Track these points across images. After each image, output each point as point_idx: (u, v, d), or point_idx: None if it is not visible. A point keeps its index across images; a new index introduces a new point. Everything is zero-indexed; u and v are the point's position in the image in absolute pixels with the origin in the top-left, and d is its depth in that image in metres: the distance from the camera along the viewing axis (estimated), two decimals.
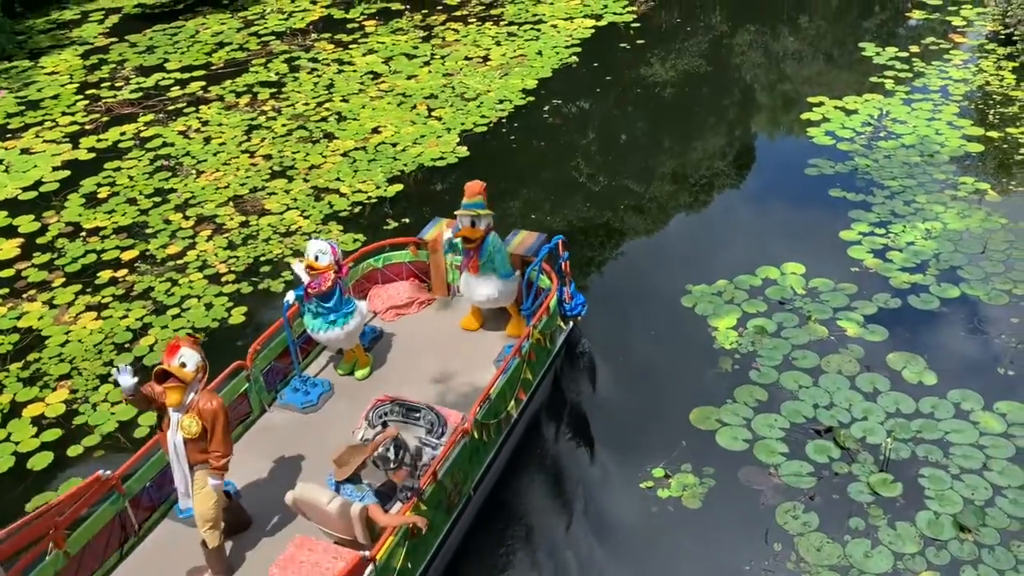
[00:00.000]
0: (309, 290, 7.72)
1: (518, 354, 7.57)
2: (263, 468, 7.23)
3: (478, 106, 14.86)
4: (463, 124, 14.28)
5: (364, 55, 17.33)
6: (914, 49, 16.12)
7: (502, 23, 18.55)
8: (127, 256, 11.47)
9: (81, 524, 6.27)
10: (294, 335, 8.09)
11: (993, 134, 13.10)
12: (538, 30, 18.00)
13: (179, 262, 11.27)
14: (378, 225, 11.81)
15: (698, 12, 18.88)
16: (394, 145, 13.82)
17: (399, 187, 12.62)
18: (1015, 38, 15.12)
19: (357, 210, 12.20)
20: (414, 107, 15.03)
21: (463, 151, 13.47)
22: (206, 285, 10.79)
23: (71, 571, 6.16)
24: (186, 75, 16.85)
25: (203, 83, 16.46)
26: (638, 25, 17.95)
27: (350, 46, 17.83)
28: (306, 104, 15.37)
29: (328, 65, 16.95)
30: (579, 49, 16.88)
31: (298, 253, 11.16)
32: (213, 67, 17.22)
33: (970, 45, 16.21)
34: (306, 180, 12.98)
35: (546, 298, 8.20)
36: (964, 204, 11.48)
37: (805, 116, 14.10)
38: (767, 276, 10.35)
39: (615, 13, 18.61)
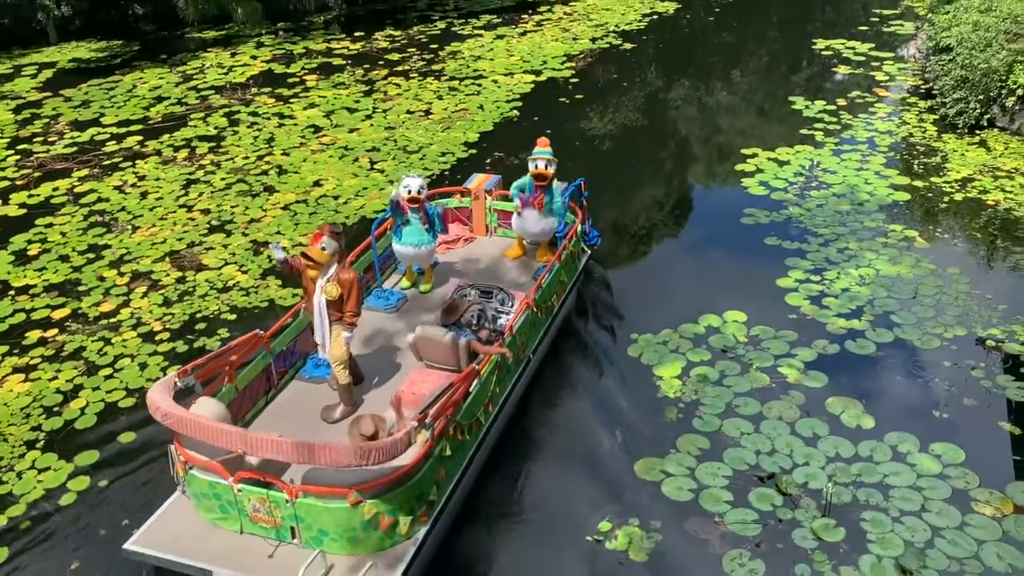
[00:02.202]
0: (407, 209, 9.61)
1: (559, 260, 9.71)
2: (368, 347, 9.15)
3: (421, 159, 14.93)
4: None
5: (305, 109, 17.34)
6: (841, 103, 16.76)
7: (443, 78, 18.79)
8: (58, 315, 11.12)
9: (244, 368, 8.14)
10: (378, 253, 10.22)
11: (918, 183, 13.61)
12: (479, 85, 18.26)
13: (112, 320, 10.96)
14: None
15: (634, 68, 19.38)
16: (336, 198, 13.76)
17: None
18: (934, 92, 15.83)
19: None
20: (356, 160, 15.04)
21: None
22: (140, 344, 10.50)
23: (237, 402, 7.96)
24: (123, 130, 16.62)
25: (140, 137, 16.25)
26: (576, 80, 18.34)
27: (291, 100, 17.83)
28: (246, 158, 15.26)
29: (269, 119, 16.90)
30: (520, 103, 17.15)
31: (235, 309, 10.98)
32: (151, 121, 17.03)
33: (894, 99, 16.92)
34: (245, 234, 12.81)
35: (575, 225, 10.28)
36: (894, 251, 11.84)
37: (739, 167, 14.48)
38: (710, 324, 10.48)
39: (554, 69, 19.00)
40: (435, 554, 7.38)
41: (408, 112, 16.99)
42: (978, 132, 14.98)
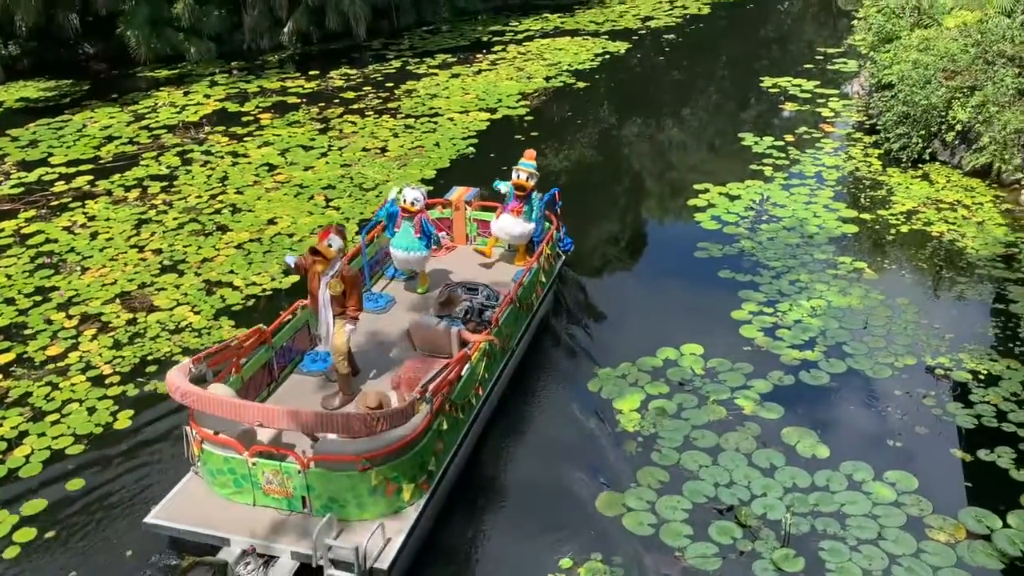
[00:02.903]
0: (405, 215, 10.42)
1: (537, 260, 10.48)
2: (362, 344, 9.63)
3: (377, 196, 14.91)
4: (362, 213, 14.26)
5: (259, 147, 17.25)
6: (789, 138, 17.17)
7: (399, 116, 18.86)
8: (3, 360, 10.80)
9: (248, 361, 8.63)
10: (367, 258, 10.89)
11: (866, 216, 13.95)
12: (435, 122, 18.36)
13: (60, 364, 10.68)
14: (273, 319, 11.52)
15: (588, 106, 19.67)
16: (291, 236, 13.66)
17: (295, 279, 12.42)
18: (878, 128, 16.31)
19: (251, 303, 11.91)
20: (311, 198, 14.97)
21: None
22: (89, 388, 10.23)
23: (242, 392, 8.36)
24: (72, 169, 16.36)
25: (90, 177, 16.01)
26: (531, 118, 18.55)
27: (245, 138, 17.74)
28: (199, 197, 15.10)
29: (222, 158, 16.77)
30: (476, 140, 17.28)
31: (188, 350, 10.80)
32: (101, 161, 16.79)
33: (839, 134, 17.39)
34: (198, 274, 12.63)
35: (551, 231, 11.14)
36: (844, 282, 12.08)
37: (692, 202, 14.72)
38: (667, 357, 10.55)
39: (509, 107, 19.20)
40: (435, 521, 7.97)
41: (364, 150, 17.00)
42: (921, 166, 15.43)
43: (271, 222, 14.13)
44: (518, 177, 10.94)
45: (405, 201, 10.39)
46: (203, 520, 7.42)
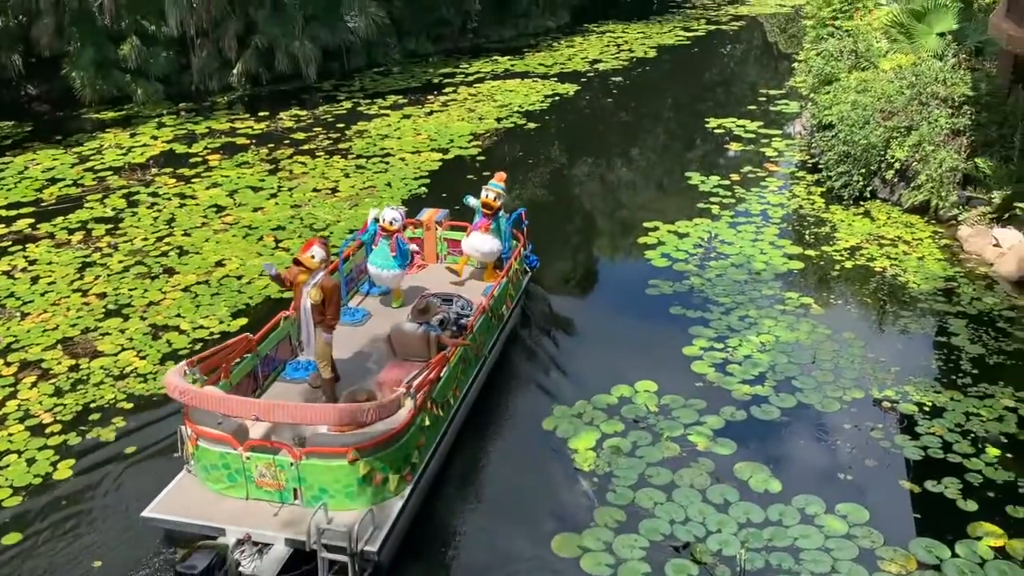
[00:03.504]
0: (383, 234, 10.98)
1: (506, 275, 11.14)
2: (342, 354, 9.92)
3: (328, 236, 14.80)
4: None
5: (208, 188, 17.06)
6: (735, 177, 17.54)
7: (350, 156, 18.85)
8: None
9: (236, 368, 9.02)
10: (344, 274, 11.23)
11: (811, 252, 14.26)
12: (386, 163, 18.38)
13: None
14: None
15: (538, 146, 19.89)
16: (239, 278, 13.47)
17: (244, 321, 12.22)
18: (820, 166, 16.76)
19: (198, 347, 11.67)
20: (260, 239, 14.81)
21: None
22: (28, 438, 9.87)
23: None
24: (12, 212, 15.98)
25: (32, 220, 15.64)
26: (483, 158, 18.68)
27: (193, 180, 17.53)
28: (145, 239, 14.83)
29: (169, 199, 16.54)
30: (428, 180, 17.32)
31: (133, 397, 10.53)
32: (44, 204, 16.43)
33: (783, 173, 17.82)
34: (143, 318, 12.36)
35: (517, 248, 11.87)
36: (792, 317, 12.29)
37: (642, 240, 14.90)
38: (622, 394, 10.58)
39: (461, 147, 19.32)
40: (418, 511, 8.44)
41: (315, 190, 16.92)
42: (862, 203, 15.87)
43: (219, 264, 13.93)
44: (487, 196, 11.55)
45: (384, 220, 10.98)
46: (198, 512, 7.84)
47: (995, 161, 14.47)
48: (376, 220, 11.16)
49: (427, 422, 8.52)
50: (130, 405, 10.45)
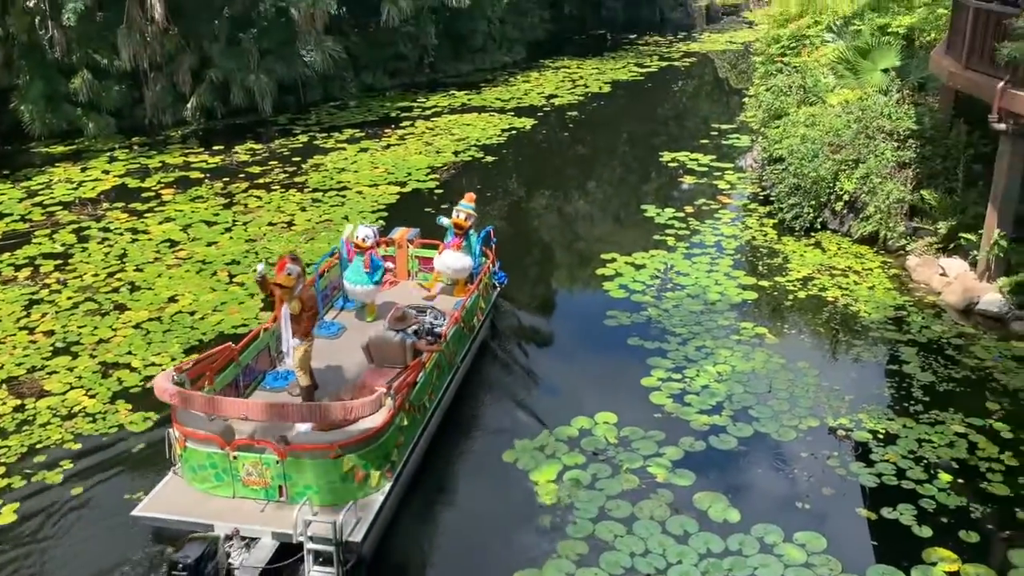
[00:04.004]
0: (357, 252, 11.56)
1: (477, 289, 11.70)
2: (319, 365, 10.24)
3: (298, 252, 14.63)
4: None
5: (161, 223, 16.82)
6: (689, 210, 17.79)
7: (306, 190, 18.74)
8: None
9: (220, 375, 9.41)
10: (319, 289, 11.54)
11: (764, 283, 14.47)
12: (343, 196, 18.31)
13: None
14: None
15: (496, 179, 20.00)
16: (192, 314, 13.25)
17: (195, 355, 11.98)
18: (772, 199, 17.09)
19: (150, 385, 11.40)
20: (214, 274, 14.61)
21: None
22: None
23: None
24: None
25: None
26: (441, 191, 18.70)
27: (145, 215, 17.28)
28: (95, 275, 14.53)
29: (121, 234, 16.26)
30: (386, 214, 17.28)
31: (81, 437, 10.27)
32: None
33: (736, 205, 18.12)
34: (93, 356, 12.06)
35: (487, 264, 12.43)
36: (747, 347, 12.43)
37: (600, 271, 15.00)
38: (582, 426, 10.57)
39: (419, 180, 19.34)
40: (397, 507, 8.86)
41: (270, 224, 16.77)
42: (813, 234, 16.19)
43: (172, 300, 13.70)
44: (457, 216, 12.19)
45: (358, 238, 11.54)
46: (187, 510, 8.20)
47: (940, 193, 14.89)
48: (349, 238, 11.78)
49: (405, 422, 8.99)
50: (78, 445, 10.16)
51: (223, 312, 13.29)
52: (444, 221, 12.43)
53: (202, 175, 19.76)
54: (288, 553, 7.91)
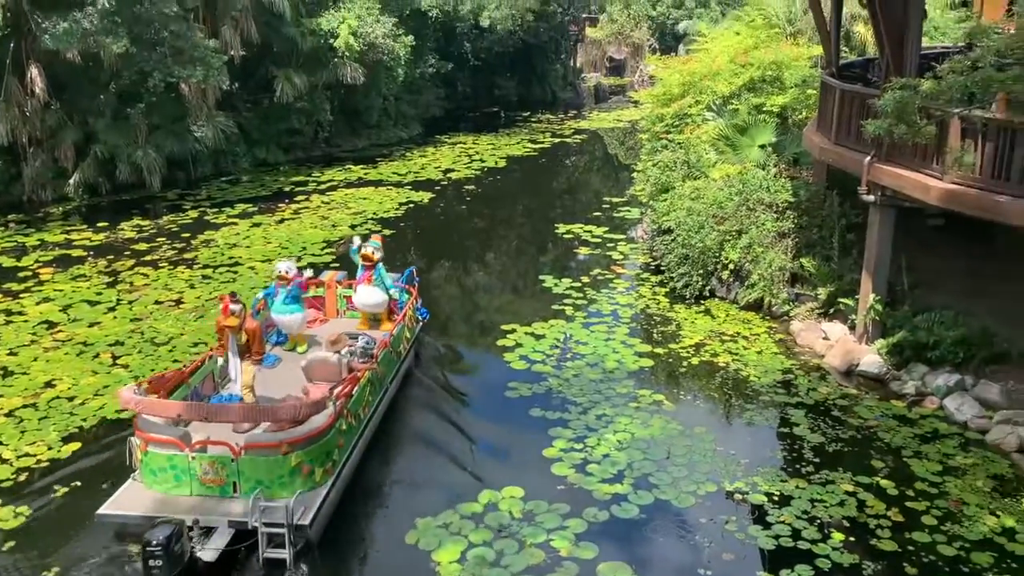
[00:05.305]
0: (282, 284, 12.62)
1: (403, 320, 13.06)
2: (263, 389, 11.27)
3: (170, 350, 14.10)
4: (153, 370, 13.35)
5: (38, 304, 15.96)
6: (585, 280, 18.15)
7: (196, 266, 18.21)
8: None
9: (172, 395, 10.27)
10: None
11: (659, 350, 14.80)
12: (235, 272, 17.87)
13: None
14: (45, 492, 10.34)
15: (394, 252, 19.87)
16: (71, 399, 12.51)
17: (76, 445, 11.29)
18: (662, 268, 17.64)
19: (23, 477, 10.64)
20: (96, 356, 13.90)
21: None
22: None
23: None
24: None
25: None
26: (338, 265, 18.46)
27: (21, 295, 16.38)
28: None
29: None
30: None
31: None
32: None
33: (629, 275, 18.60)
34: None
35: (411, 300, 13.84)
36: (646, 414, 12.61)
37: (500, 342, 15.04)
38: (488, 501, 10.40)
39: (314, 254, 19.09)
40: (336, 502, 9.93)
41: (157, 302, 16.16)
42: (703, 302, 16.74)
43: (49, 385, 12.92)
44: (366, 249, 13.30)
45: (280, 271, 12.59)
46: (148, 508, 9.09)
47: (818, 260, 15.70)
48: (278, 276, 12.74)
49: (344, 427, 10.18)
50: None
51: (106, 396, 12.60)
52: (356, 242, 13.65)
53: (85, 253, 18.95)
54: (243, 540, 8.97)
